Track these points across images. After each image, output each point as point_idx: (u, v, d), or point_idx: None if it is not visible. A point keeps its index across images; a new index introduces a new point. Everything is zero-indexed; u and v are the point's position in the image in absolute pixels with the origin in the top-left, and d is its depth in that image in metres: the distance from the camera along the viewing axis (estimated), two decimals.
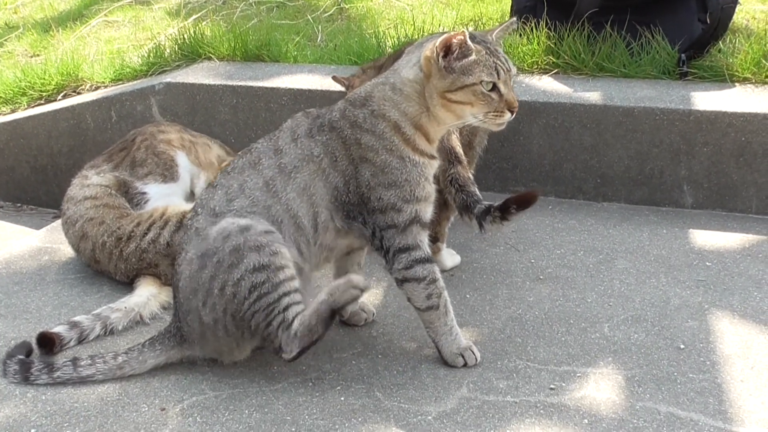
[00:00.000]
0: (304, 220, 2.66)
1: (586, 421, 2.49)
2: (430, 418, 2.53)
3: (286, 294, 2.60)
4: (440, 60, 2.57)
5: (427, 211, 2.72)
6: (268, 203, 2.64)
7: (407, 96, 2.67)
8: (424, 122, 2.68)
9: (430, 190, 2.71)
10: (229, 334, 2.67)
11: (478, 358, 2.78)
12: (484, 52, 2.59)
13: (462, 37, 2.54)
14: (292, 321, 2.62)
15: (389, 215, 2.65)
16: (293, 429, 2.49)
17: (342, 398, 2.64)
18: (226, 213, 2.64)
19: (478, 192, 3.10)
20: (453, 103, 2.61)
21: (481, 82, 2.58)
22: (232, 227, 2.59)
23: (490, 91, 2.59)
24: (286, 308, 2.61)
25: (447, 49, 2.57)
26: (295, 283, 2.64)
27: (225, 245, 2.58)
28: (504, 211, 2.94)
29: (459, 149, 3.17)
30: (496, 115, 2.63)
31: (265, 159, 2.70)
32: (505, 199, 2.94)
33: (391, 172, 2.64)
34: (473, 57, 2.58)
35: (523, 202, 2.92)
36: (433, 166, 2.72)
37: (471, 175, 3.17)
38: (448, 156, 3.12)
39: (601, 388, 2.64)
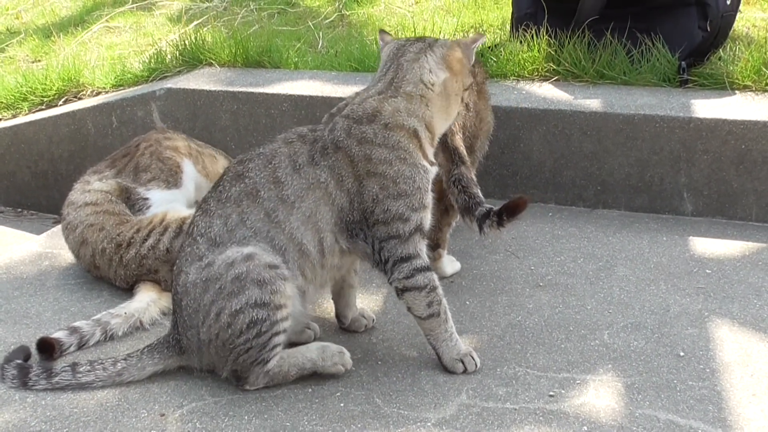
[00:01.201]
0: (310, 246, 2.66)
1: (585, 428, 2.49)
2: (429, 424, 2.53)
3: (276, 334, 2.63)
4: (471, 60, 2.85)
5: (428, 219, 2.74)
6: (271, 234, 2.63)
7: (429, 100, 2.74)
8: (436, 123, 2.77)
9: (431, 197, 2.74)
10: (218, 354, 2.68)
11: (478, 364, 2.78)
12: None
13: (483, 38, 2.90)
14: (270, 359, 2.67)
15: (394, 226, 2.66)
16: None
17: (341, 404, 2.64)
18: (227, 242, 2.63)
19: (480, 194, 3.10)
20: (460, 97, 2.86)
21: None
22: (236, 255, 2.58)
23: None
24: (271, 349, 2.65)
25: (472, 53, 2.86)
26: (287, 323, 2.66)
27: (228, 273, 2.57)
28: (500, 217, 2.95)
29: (463, 150, 3.18)
30: None
31: (263, 191, 2.66)
32: (500, 206, 2.95)
33: (404, 182, 2.66)
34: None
35: (513, 210, 2.94)
36: (433, 173, 2.75)
37: (474, 177, 3.18)
38: (452, 156, 3.13)
39: (600, 396, 2.64)
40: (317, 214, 2.65)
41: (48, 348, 2.93)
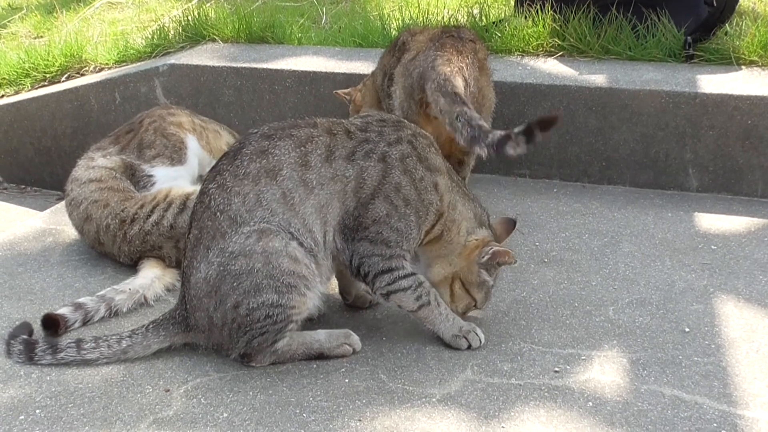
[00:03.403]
0: (318, 236, 2.66)
1: (590, 404, 2.49)
2: (434, 400, 2.53)
3: (290, 321, 2.65)
4: (486, 262, 2.81)
5: (408, 258, 2.78)
6: (286, 216, 2.61)
7: (449, 229, 2.81)
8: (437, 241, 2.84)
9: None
10: (230, 336, 2.67)
11: (482, 340, 2.78)
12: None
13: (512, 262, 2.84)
14: (278, 341, 2.67)
15: (378, 247, 2.70)
16: (297, 410, 2.50)
17: (346, 380, 2.64)
18: (248, 221, 2.60)
19: (486, 125, 3.14)
20: (456, 281, 2.85)
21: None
22: (258, 258, 2.57)
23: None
24: (285, 332, 2.66)
25: (495, 260, 2.82)
26: (303, 315, 2.69)
27: (249, 278, 2.57)
28: (528, 134, 2.94)
29: (462, 92, 3.26)
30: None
31: (287, 169, 2.63)
32: (527, 123, 2.94)
33: (405, 224, 2.71)
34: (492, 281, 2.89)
35: (546, 124, 2.94)
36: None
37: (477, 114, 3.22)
38: (453, 99, 3.20)
39: (605, 371, 2.64)
40: (329, 206, 2.65)
41: (53, 324, 2.93)
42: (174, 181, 3.61)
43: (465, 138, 3.12)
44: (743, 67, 4.04)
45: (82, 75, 5.15)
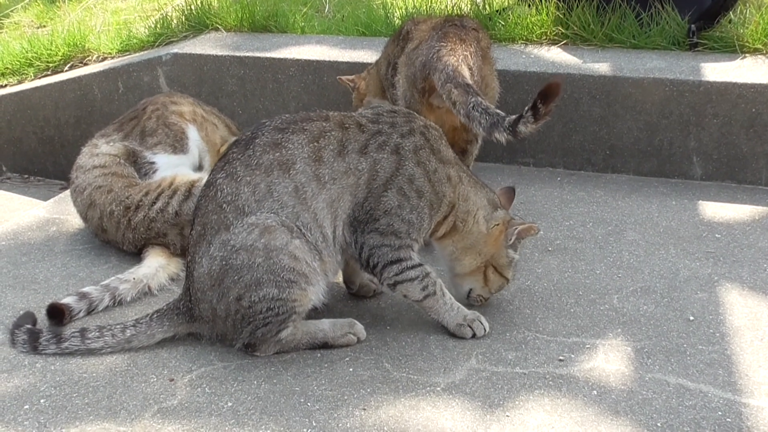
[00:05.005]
0: (328, 231, 2.67)
1: (595, 392, 2.49)
2: (438, 389, 2.53)
3: (293, 312, 2.65)
4: (513, 242, 2.87)
5: (417, 247, 2.80)
6: (296, 210, 2.62)
7: (465, 221, 2.83)
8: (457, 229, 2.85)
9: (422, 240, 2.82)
10: (234, 327, 2.68)
11: (487, 329, 2.78)
12: None
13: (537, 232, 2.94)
14: (282, 331, 2.67)
15: (388, 239, 2.70)
16: (302, 399, 2.50)
17: (350, 369, 2.64)
18: (256, 212, 2.60)
19: (500, 112, 3.10)
20: (489, 268, 2.88)
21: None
22: (259, 253, 2.57)
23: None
24: (289, 323, 2.67)
25: (521, 238, 2.90)
26: (306, 307, 2.69)
27: (250, 273, 2.58)
28: (535, 110, 2.91)
29: (471, 82, 3.23)
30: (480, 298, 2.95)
31: (300, 164, 2.64)
32: (533, 101, 2.90)
33: (417, 216, 2.72)
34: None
35: (547, 95, 2.88)
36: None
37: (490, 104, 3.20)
38: (466, 89, 3.16)
39: (610, 360, 2.64)
40: (340, 200, 2.66)
41: (58, 313, 2.93)
42: (176, 168, 3.61)
43: (484, 126, 3.09)
44: (747, 55, 4.03)
45: (85, 64, 5.15)
